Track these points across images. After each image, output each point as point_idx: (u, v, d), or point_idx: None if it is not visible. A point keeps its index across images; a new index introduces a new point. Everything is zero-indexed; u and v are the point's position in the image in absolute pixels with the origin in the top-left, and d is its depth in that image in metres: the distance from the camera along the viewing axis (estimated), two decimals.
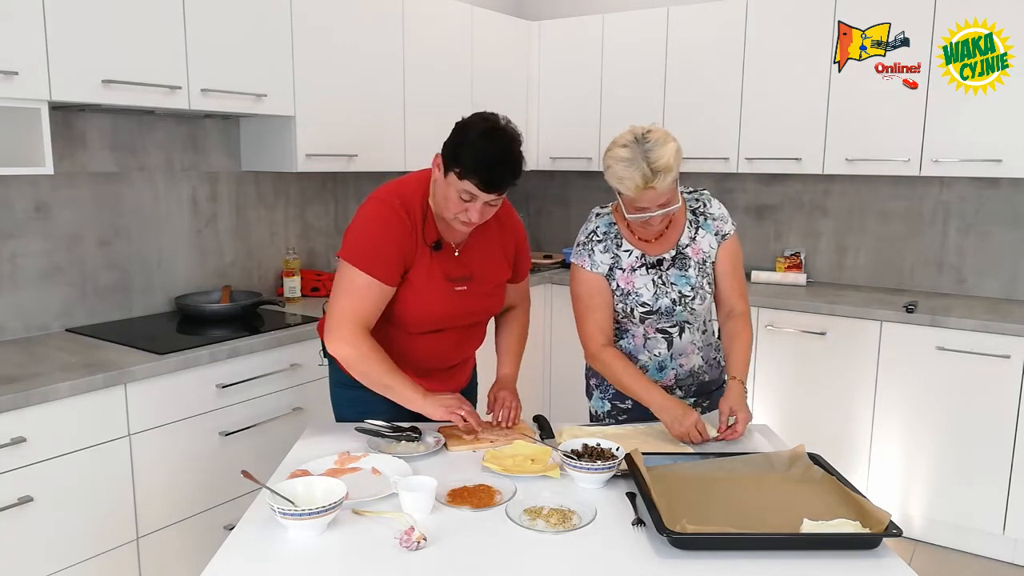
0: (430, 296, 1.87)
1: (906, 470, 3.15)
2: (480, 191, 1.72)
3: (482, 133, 1.75)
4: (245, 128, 3.08)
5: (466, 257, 1.92)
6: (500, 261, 2.00)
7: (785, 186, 3.84)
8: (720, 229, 2.04)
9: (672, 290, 1.99)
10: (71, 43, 2.19)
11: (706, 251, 2.03)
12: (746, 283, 2.12)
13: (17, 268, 2.50)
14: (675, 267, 2.00)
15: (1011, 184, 3.34)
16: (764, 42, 3.47)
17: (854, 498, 1.47)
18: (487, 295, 1.97)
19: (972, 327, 2.96)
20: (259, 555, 1.34)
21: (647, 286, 1.99)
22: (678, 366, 2.06)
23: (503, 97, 3.92)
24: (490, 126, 1.77)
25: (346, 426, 1.91)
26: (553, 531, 1.41)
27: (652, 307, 1.99)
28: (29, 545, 2.02)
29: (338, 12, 3.00)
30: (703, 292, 2.01)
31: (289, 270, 3.20)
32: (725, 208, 2.08)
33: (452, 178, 1.74)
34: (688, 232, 2.02)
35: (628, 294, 2.00)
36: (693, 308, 2.01)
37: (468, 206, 1.75)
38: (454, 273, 1.89)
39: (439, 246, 1.87)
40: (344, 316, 1.80)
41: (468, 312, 1.95)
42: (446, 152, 1.76)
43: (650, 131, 1.83)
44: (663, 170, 1.78)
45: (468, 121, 1.80)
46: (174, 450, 2.32)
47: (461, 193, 1.74)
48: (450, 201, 1.76)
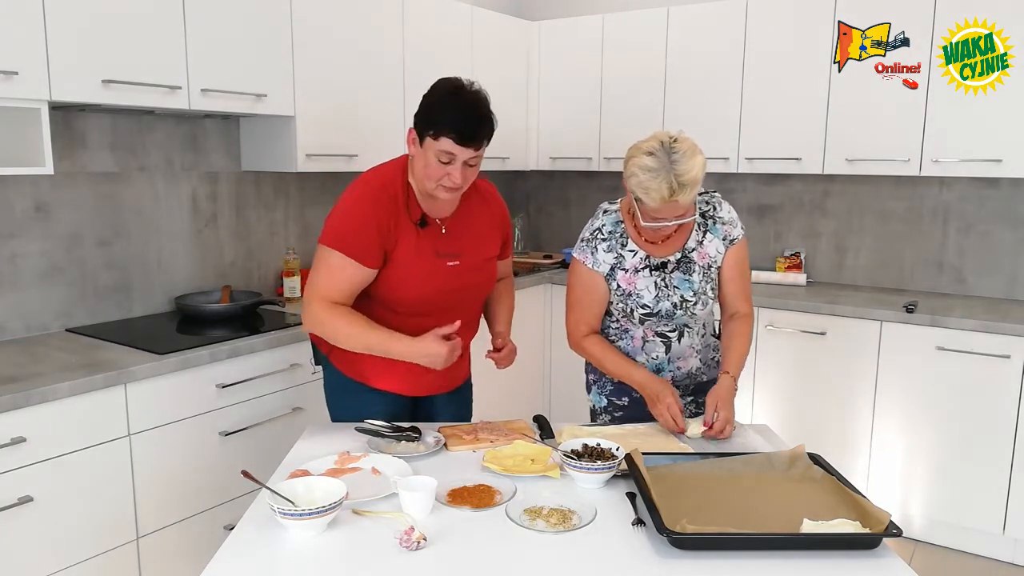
0: (422, 272, 1.87)
1: (906, 470, 3.15)
2: (457, 145, 1.75)
3: (449, 92, 1.79)
4: (245, 128, 3.08)
5: (454, 233, 1.93)
6: (488, 236, 2.02)
7: (785, 186, 3.84)
8: (728, 234, 2.01)
9: (674, 293, 1.98)
10: (71, 43, 2.19)
11: (712, 256, 2.00)
12: (751, 285, 2.10)
13: (17, 268, 2.50)
14: (679, 270, 1.98)
15: (1011, 184, 3.34)
16: (764, 42, 3.47)
17: (854, 498, 1.47)
18: (478, 269, 1.99)
19: (972, 327, 2.96)
20: (259, 555, 1.34)
21: (649, 288, 1.98)
22: (675, 368, 2.06)
23: (503, 97, 3.91)
24: (455, 85, 1.81)
25: (346, 426, 1.91)
26: (553, 531, 1.41)
27: (652, 309, 1.98)
28: (29, 545, 2.02)
29: (338, 12, 3.00)
30: (705, 297, 1.99)
31: (289, 270, 3.20)
32: (735, 211, 2.05)
33: (428, 142, 1.76)
34: (696, 236, 1.99)
35: (629, 295, 1.98)
36: (694, 313, 1.99)
37: (449, 169, 1.77)
38: (444, 249, 1.90)
39: (424, 222, 1.88)
40: (314, 294, 1.84)
41: (461, 287, 1.95)
42: (417, 120, 1.80)
43: (677, 140, 1.79)
44: (690, 184, 1.75)
45: (433, 87, 1.84)
46: (174, 450, 2.32)
47: (439, 155, 1.76)
48: (430, 168, 1.78)
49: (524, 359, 2.18)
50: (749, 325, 2.05)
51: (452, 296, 1.93)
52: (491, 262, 2.03)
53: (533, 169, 4.27)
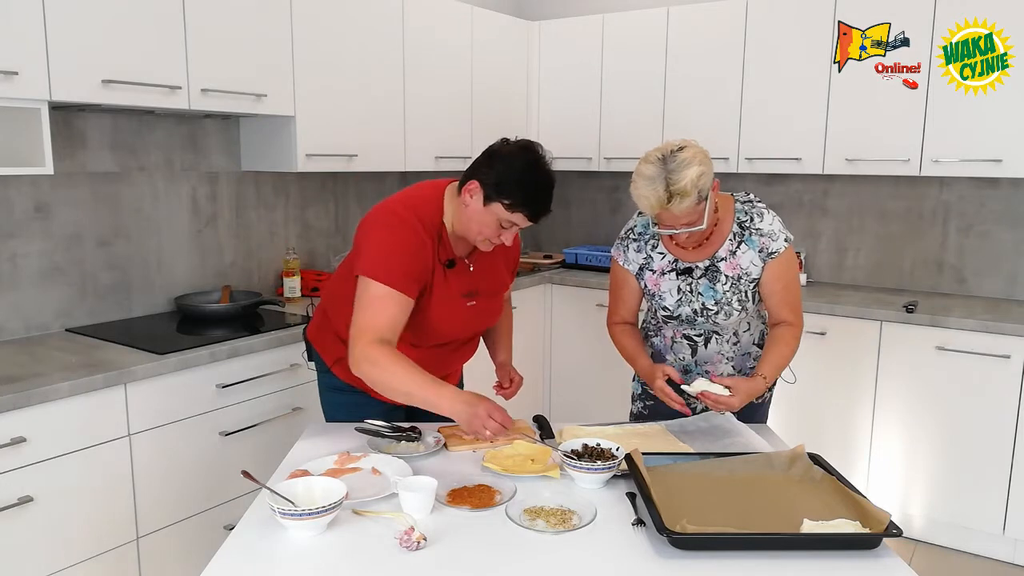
0: (449, 313, 1.86)
1: (906, 470, 3.15)
2: (528, 221, 1.76)
3: (527, 167, 1.75)
4: (245, 128, 3.08)
5: (477, 272, 1.92)
6: (502, 271, 2.03)
7: (785, 186, 3.84)
8: (766, 247, 1.95)
9: (696, 300, 1.97)
10: (71, 43, 2.19)
11: (744, 267, 1.96)
12: (800, 295, 2.04)
13: (17, 268, 2.50)
14: (706, 278, 1.97)
15: (1011, 184, 3.34)
16: (764, 42, 3.47)
17: (854, 498, 1.47)
18: (491, 306, 1.99)
19: (972, 327, 2.96)
20: (259, 555, 1.34)
21: (671, 292, 1.99)
22: (704, 373, 2.05)
23: (503, 97, 3.93)
24: (534, 158, 1.76)
25: (346, 426, 1.90)
26: (553, 531, 1.41)
27: (672, 312, 2.00)
28: (29, 545, 2.02)
29: (338, 12, 3.00)
30: (729, 308, 1.97)
31: (289, 270, 3.20)
32: (779, 221, 1.99)
33: (497, 208, 1.73)
34: (729, 245, 1.96)
35: (653, 295, 2.02)
36: (716, 322, 1.99)
37: (505, 232, 1.78)
38: (466, 289, 1.89)
39: (453, 264, 1.87)
40: (359, 332, 1.72)
41: (478, 324, 1.97)
42: (489, 183, 1.73)
43: (681, 149, 1.79)
44: (679, 194, 1.75)
45: (508, 151, 1.77)
46: (174, 450, 2.32)
47: (503, 222, 1.75)
48: (488, 228, 1.77)
49: (524, 359, 2.20)
50: (793, 333, 2.00)
51: (468, 332, 1.98)
52: (501, 296, 2.05)
53: None
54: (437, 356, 1.94)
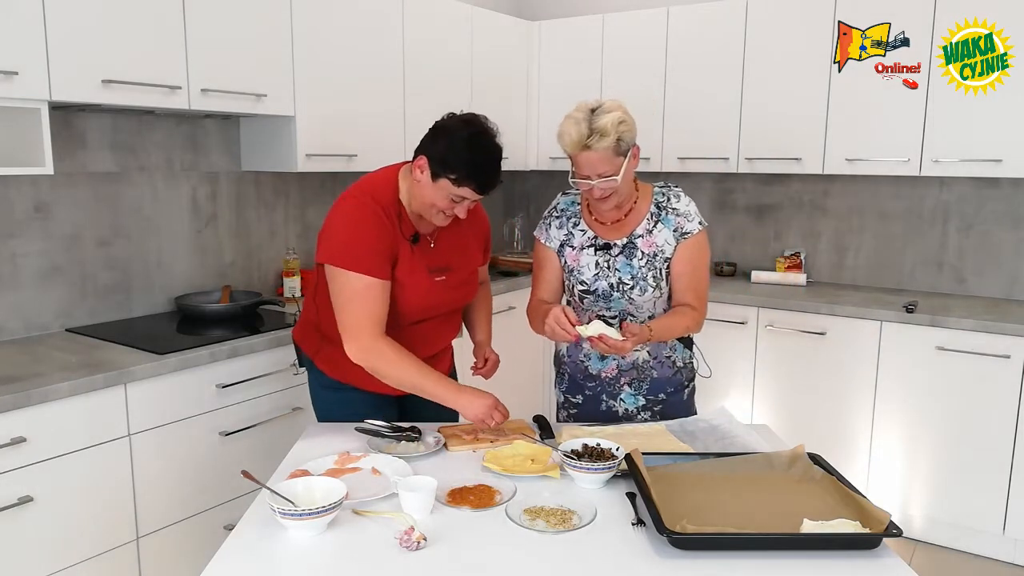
0: (416, 289, 1.89)
1: (906, 470, 3.15)
2: (476, 194, 1.79)
3: (471, 139, 1.78)
4: (245, 128, 3.08)
5: (442, 248, 1.95)
6: (473, 249, 2.06)
7: (785, 186, 3.84)
8: (681, 226, 2.02)
9: (613, 275, 2.02)
10: (71, 43, 2.19)
11: (660, 245, 2.02)
12: (707, 284, 2.07)
13: (17, 268, 2.50)
14: (623, 254, 2.03)
15: (1011, 184, 3.34)
16: (764, 42, 3.47)
17: (854, 498, 1.47)
18: (464, 283, 2.02)
19: (972, 327, 2.96)
20: (259, 555, 1.35)
21: (590, 266, 2.04)
22: (620, 357, 2.06)
23: (503, 97, 3.92)
24: (477, 130, 1.80)
25: (346, 426, 1.90)
26: (553, 531, 1.42)
27: (590, 287, 2.04)
28: (29, 545, 2.02)
29: (338, 12, 3.00)
30: (644, 284, 2.00)
31: (289, 270, 3.20)
32: (695, 206, 2.06)
33: (445, 183, 1.77)
34: (646, 224, 2.03)
35: (572, 271, 2.07)
36: (631, 298, 2.02)
37: (457, 206, 1.81)
38: (434, 264, 1.92)
39: (417, 239, 1.90)
40: (357, 324, 1.79)
41: (449, 300, 1.99)
42: (435, 159, 1.77)
43: (607, 104, 1.90)
44: (599, 131, 1.84)
45: (451, 126, 1.81)
46: (174, 450, 2.32)
47: (453, 196, 1.79)
48: (440, 203, 1.81)
49: (524, 359, 2.19)
50: (692, 316, 2.02)
51: (442, 308, 1.99)
52: (475, 275, 2.08)
53: (533, 169, 4.27)
54: (418, 334, 1.94)
